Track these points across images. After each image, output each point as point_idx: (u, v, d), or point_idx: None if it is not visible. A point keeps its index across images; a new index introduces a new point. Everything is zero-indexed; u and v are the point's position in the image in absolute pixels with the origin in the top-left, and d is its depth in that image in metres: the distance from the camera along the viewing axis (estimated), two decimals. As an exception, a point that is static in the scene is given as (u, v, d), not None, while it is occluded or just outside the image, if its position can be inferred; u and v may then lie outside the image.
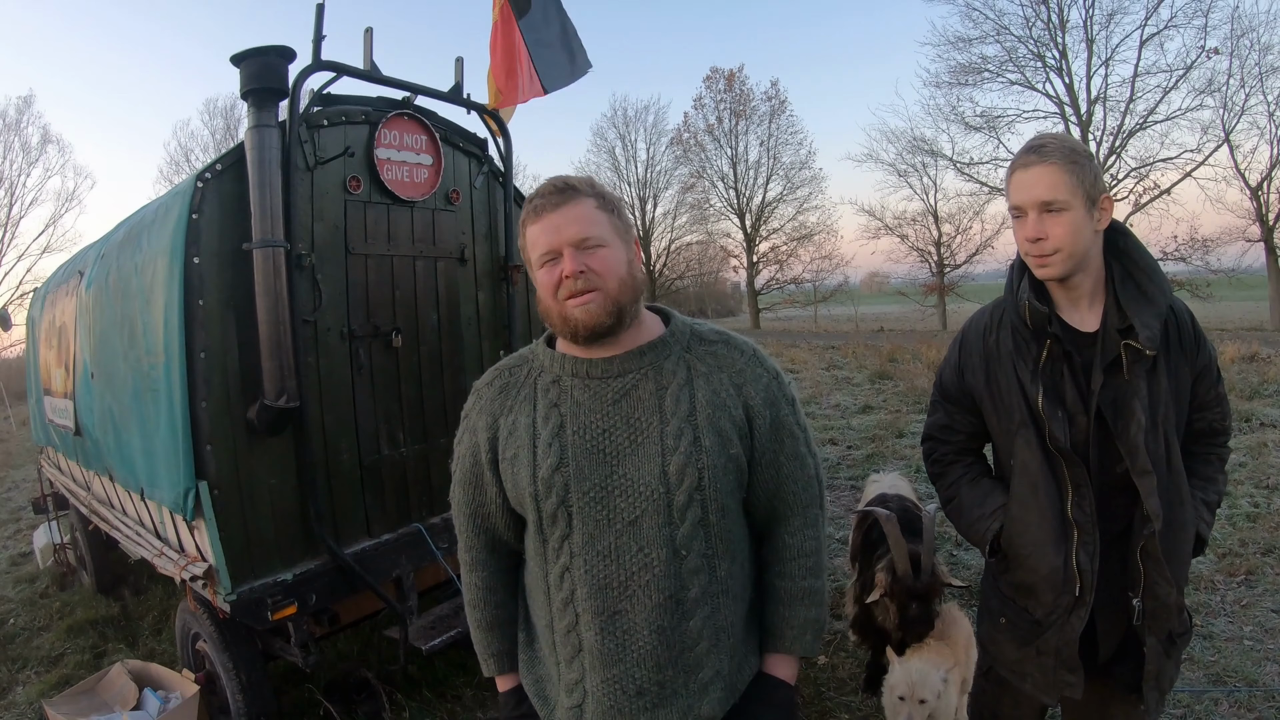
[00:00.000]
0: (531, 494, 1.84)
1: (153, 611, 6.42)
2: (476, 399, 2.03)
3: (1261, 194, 29.53)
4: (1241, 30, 28.88)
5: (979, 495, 2.47)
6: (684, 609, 1.82)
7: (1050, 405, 2.20)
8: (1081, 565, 2.21)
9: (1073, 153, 2.11)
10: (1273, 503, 7.21)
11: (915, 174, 38.74)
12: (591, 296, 1.77)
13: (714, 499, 1.81)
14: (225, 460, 3.61)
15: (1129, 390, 2.15)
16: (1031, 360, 2.25)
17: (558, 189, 1.80)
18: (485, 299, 4.98)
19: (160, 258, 3.64)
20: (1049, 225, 2.11)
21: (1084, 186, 2.10)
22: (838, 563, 6.31)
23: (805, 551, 2.00)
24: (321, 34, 3.86)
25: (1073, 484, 2.21)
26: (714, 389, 1.86)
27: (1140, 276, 2.21)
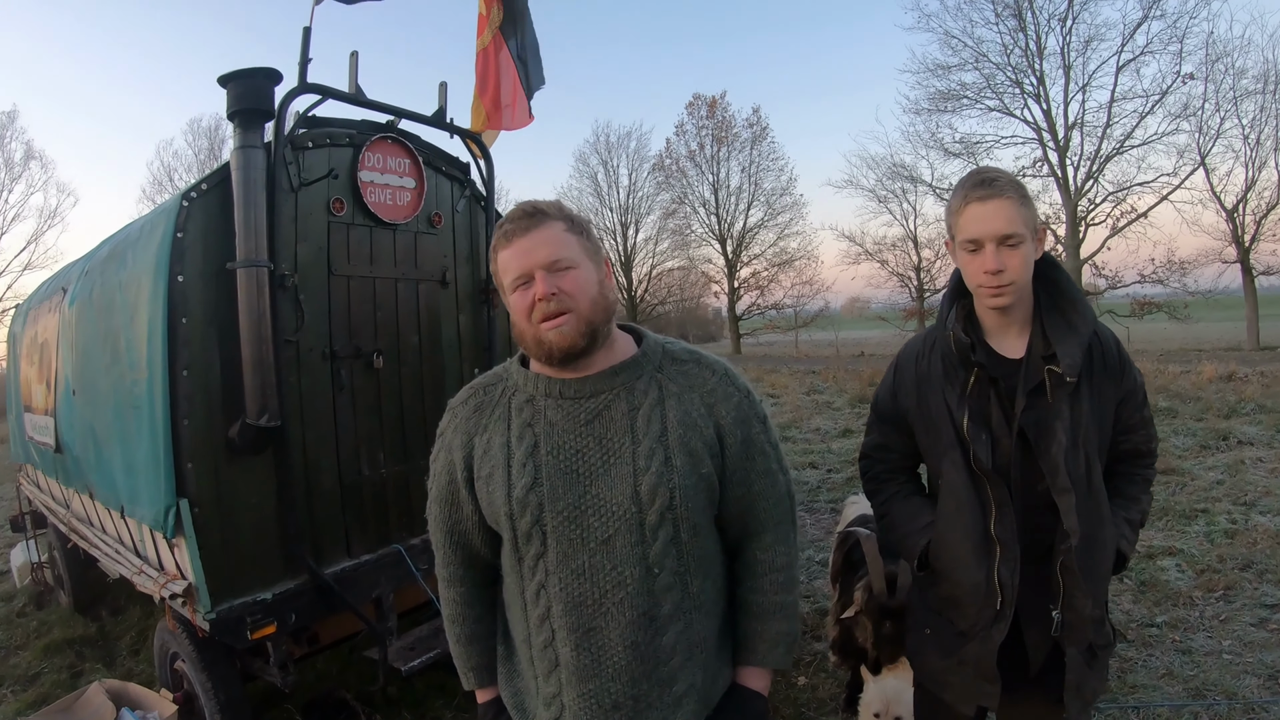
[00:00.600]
0: (506, 513, 1.87)
1: (130, 631, 6.39)
2: (451, 417, 2.06)
3: (1237, 216, 30.13)
4: (1216, 55, 29.63)
5: (909, 512, 2.57)
6: (657, 625, 1.86)
7: (975, 428, 2.29)
8: (1003, 580, 2.29)
9: (1021, 187, 2.22)
10: (1250, 519, 7.33)
11: (895, 200, 39.42)
12: (565, 319, 1.80)
13: (685, 518, 1.85)
14: (206, 478, 3.61)
15: (1051, 413, 2.23)
16: (959, 385, 2.34)
17: (527, 213, 1.84)
18: (466, 321, 5.01)
19: (145, 275, 3.66)
20: (1006, 258, 2.18)
21: (1032, 220, 2.22)
22: (818, 585, 6.34)
23: (777, 566, 2.05)
24: (308, 57, 3.90)
25: (995, 503, 2.29)
26: (685, 409, 1.89)
27: (1066, 306, 2.30)
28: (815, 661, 5.06)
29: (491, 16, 5.09)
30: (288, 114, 3.86)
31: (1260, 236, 30.07)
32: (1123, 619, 5.40)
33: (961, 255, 2.28)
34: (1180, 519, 7.52)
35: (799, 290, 45.11)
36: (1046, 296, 2.33)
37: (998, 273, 2.19)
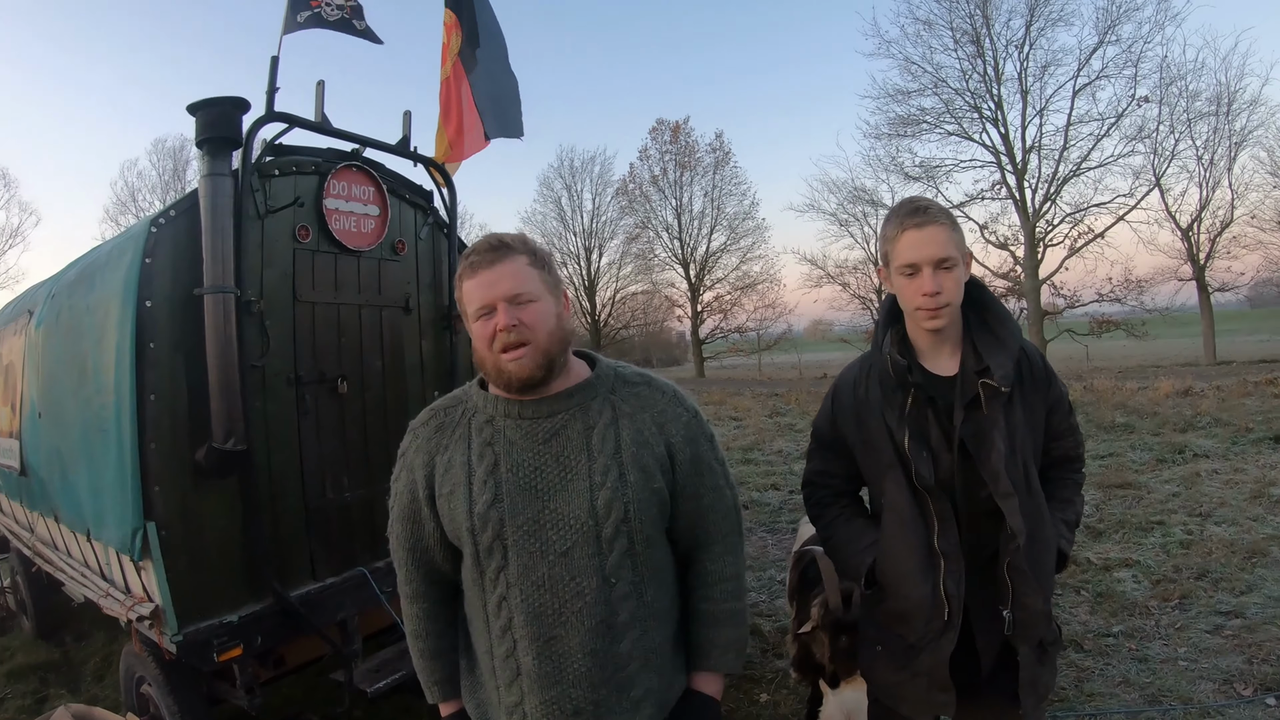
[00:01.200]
0: (468, 528, 1.96)
1: (95, 657, 6.34)
2: (413, 438, 2.15)
3: (1192, 235, 30.79)
4: (1170, 79, 30.36)
5: (853, 532, 2.62)
6: (615, 632, 1.96)
7: (915, 446, 2.36)
8: (949, 591, 2.35)
9: (950, 214, 2.35)
10: (1205, 530, 7.51)
11: (856, 223, 39.78)
12: (524, 351, 1.90)
13: (639, 530, 1.96)
14: (173, 501, 3.63)
15: (988, 423, 2.32)
16: (898, 407, 2.41)
17: (492, 246, 1.94)
18: (429, 347, 5.06)
19: (113, 299, 3.69)
20: (942, 280, 2.28)
21: (962, 245, 2.35)
22: (779, 604, 6.39)
23: (726, 576, 2.16)
24: (275, 86, 3.98)
25: (938, 517, 2.36)
26: (637, 428, 2.00)
27: (994, 323, 2.43)
28: (777, 678, 5.13)
29: (451, 44, 5.17)
30: (255, 142, 3.92)
31: (1215, 254, 30.82)
32: (1079, 629, 5.51)
33: (898, 280, 2.37)
34: (1137, 531, 7.68)
35: (762, 313, 45.49)
36: (975, 315, 2.45)
37: (935, 294, 2.28)
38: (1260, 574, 6.27)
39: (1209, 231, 30.86)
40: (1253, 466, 9.81)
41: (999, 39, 32.39)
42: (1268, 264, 31.55)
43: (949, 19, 33.02)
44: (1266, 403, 14.47)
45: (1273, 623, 5.36)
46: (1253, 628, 5.34)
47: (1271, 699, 4.43)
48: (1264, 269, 31.97)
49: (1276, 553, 6.71)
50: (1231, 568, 6.44)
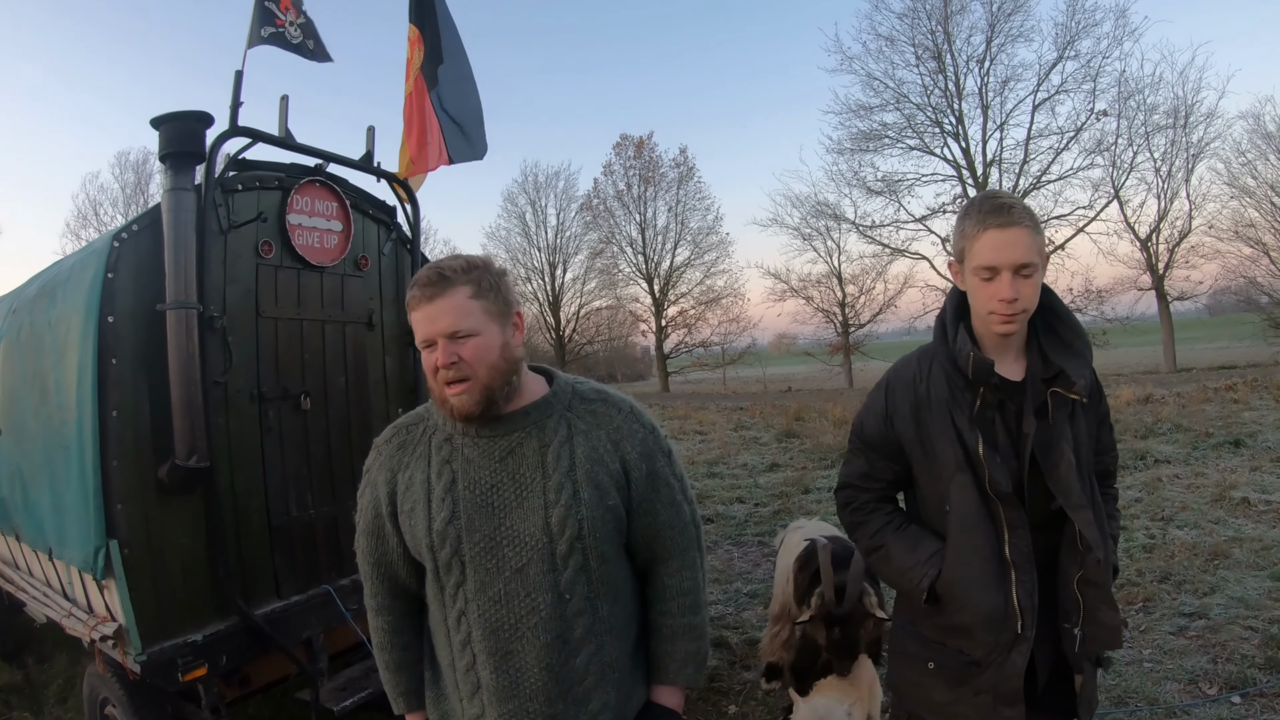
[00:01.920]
0: (428, 544, 1.99)
1: (58, 679, 6.24)
2: (377, 455, 2.17)
3: (1151, 245, 31.36)
4: (1128, 93, 30.89)
5: (909, 542, 2.46)
6: (570, 647, 1.98)
7: (990, 451, 2.24)
8: (1022, 603, 2.24)
9: (1034, 214, 2.23)
10: (1167, 534, 7.64)
11: (819, 237, 39.97)
12: (465, 386, 1.92)
13: (594, 547, 1.98)
14: (136, 519, 3.60)
15: (1057, 433, 2.24)
16: (967, 408, 2.29)
17: (431, 280, 1.92)
18: (392, 363, 5.05)
19: (75, 315, 3.67)
20: (1021, 286, 2.17)
21: (1043, 248, 2.24)
22: (746, 616, 6.42)
23: (684, 590, 2.17)
24: (239, 100, 3.96)
25: (1009, 525, 2.24)
26: (593, 445, 2.03)
27: (1065, 331, 2.33)
28: (745, 690, 5.14)
29: (415, 60, 5.18)
30: (218, 157, 3.91)
31: (1173, 264, 31.35)
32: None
33: (972, 280, 2.26)
34: (1100, 537, 7.73)
35: (726, 327, 45.56)
36: (1042, 321, 2.34)
37: (1013, 300, 2.18)
38: (1222, 575, 6.38)
39: (1168, 242, 31.44)
40: (1213, 471, 10.00)
41: (960, 55, 32.98)
42: (1225, 273, 32.16)
43: (911, 35, 33.58)
44: (1225, 408, 14.70)
45: (1235, 622, 5.45)
46: (1216, 628, 5.43)
47: (1237, 697, 4.51)
48: (1222, 278, 32.57)
49: (1238, 555, 6.83)
50: (1194, 570, 6.56)
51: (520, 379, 2.04)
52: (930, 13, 33.00)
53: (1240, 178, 30.51)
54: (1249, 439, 11.70)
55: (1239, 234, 30.74)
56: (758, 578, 7.46)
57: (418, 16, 5.19)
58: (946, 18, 32.54)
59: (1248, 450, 11.15)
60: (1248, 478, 9.50)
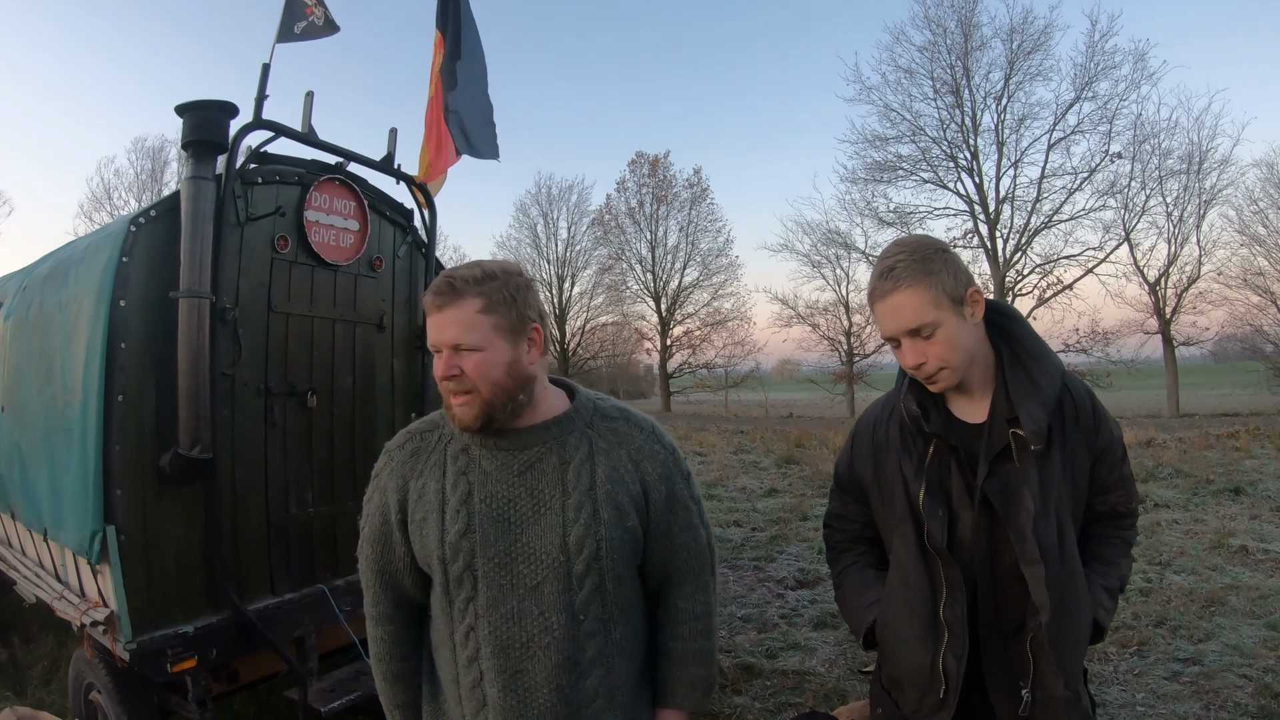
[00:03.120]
0: (439, 557, 1.94)
1: (43, 661, 6.21)
2: (388, 460, 2.12)
3: (1159, 289, 31.30)
4: (1143, 136, 30.84)
5: (860, 585, 2.44)
6: (580, 669, 1.94)
7: (931, 503, 2.15)
8: (948, 667, 2.14)
9: (924, 263, 2.05)
10: (1165, 578, 7.62)
11: (829, 265, 39.79)
12: (467, 399, 1.89)
13: (610, 568, 1.94)
14: (134, 506, 3.58)
15: (1019, 478, 2.08)
16: (917, 456, 2.21)
17: (440, 290, 1.89)
18: (400, 367, 5.03)
19: (86, 297, 3.65)
20: (925, 349, 2.07)
21: (946, 293, 2.04)
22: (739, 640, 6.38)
23: (697, 615, 2.14)
24: (264, 94, 3.96)
25: (948, 584, 2.14)
26: (613, 464, 1.99)
27: (1029, 363, 2.15)
28: (735, 714, 5.10)
29: (438, 63, 5.18)
30: (240, 148, 3.90)
31: (1181, 309, 31.34)
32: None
33: (891, 349, 2.18)
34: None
35: (730, 350, 45.32)
36: (1008, 352, 2.18)
37: (918, 366, 2.10)
38: (1218, 622, 6.35)
39: (1176, 286, 31.42)
40: (1212, 517, 9.99)
41: (978, 90, 32.88)
42: (1232, 320, 32.16)
43: (930, 69, 33.50)
44: (1227, 455, 14.69)
45: (1230, 670, 5.43)
46: (1210, 674, 5.41)
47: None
48: (1228, 325, 32.58)
49: (1234, 602, 6.81)
50: (1190, 616, 6.53)
51: (532, 395, 1.99)
52: (951, 47, 33.00)
53: (1251, 226, 30.62)
54: (1249, 487, 11.67)
55: (1247, 282, 30.84)
56: (752, 602, 7.43)
57: (443, 21, 5.20)
58: (967, 53, 32.55)
59: (1248, 498, 11.13)
60: (1247, 525, 9.49)
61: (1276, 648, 5.81)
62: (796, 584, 8.06)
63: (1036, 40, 31.53)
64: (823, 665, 5.81)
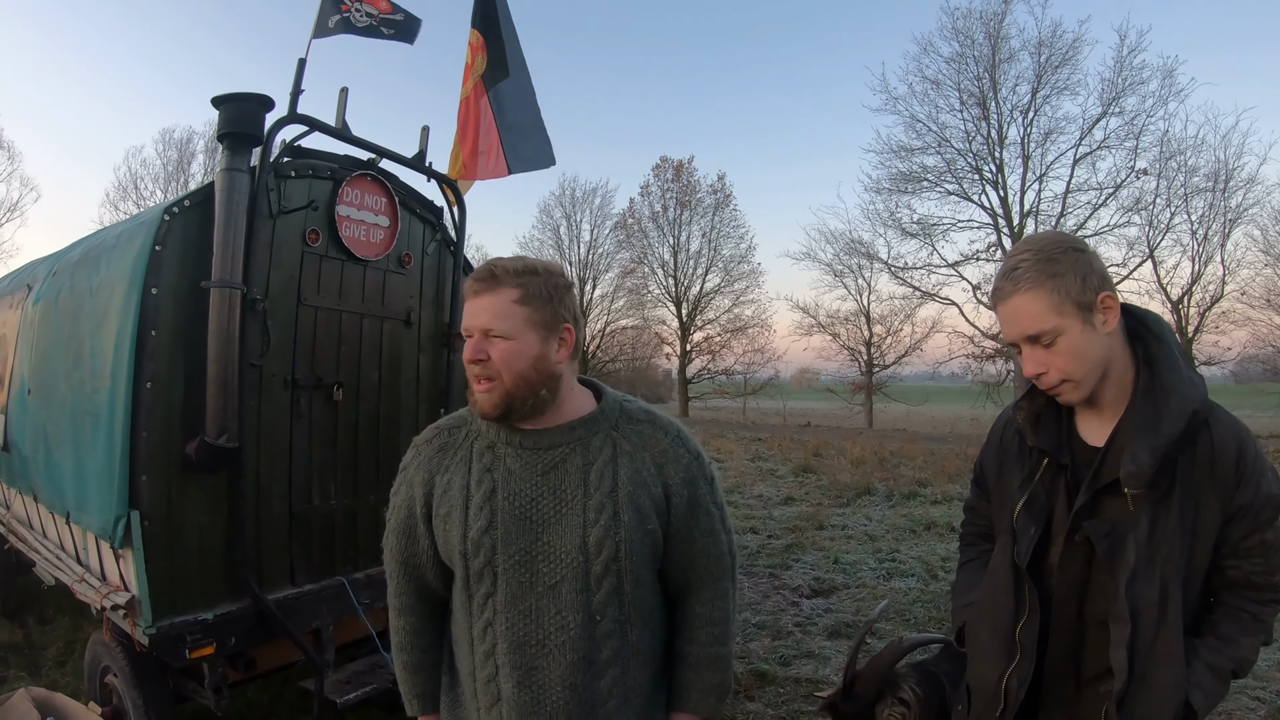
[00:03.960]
0: (461, 552, 1.98)
1: (58, 642, 6.25)
2: (416, 454, 2.15)
3: (1182, 307, 31.07)
4: (1170, 153, 30.52)
5: (965, 584, 2.41)
6: (595, 669, 1.97)
7: (1026, 519, 2.05)
8: (1009, 688, 2.06)
9: (1048, 264, 1.89)
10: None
11: (851, 275, 39.86)
12: (490, 385, 1.93)
13: (629, 570, 1.96)
14: (159, 492, 3.62)
15: (1127, 522, 1.90)
16: (1029, 467, 2.11)
17: (481, 276, 1.96)
18: (426, 363, 5.05)
19: (118, 284, 3.69)
20: (1046, 358, 1.93)
21: (1072, 298, 1.87)
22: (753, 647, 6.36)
23: (715, 620, 2.15)
24: (300, 88, 3.99)
25: (1029, 606, 2.03)
26: (636, 467, 2.00)
27: (1158, 395, 1.92)
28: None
29: (475, 65, 5.20)
30: (275, 142, 3.93)
31: (1203, 328, 31.02)
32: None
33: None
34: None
35: (750, 357, 45.45)
36: (1145, 376, 1.96)
37: (1040, 375, 1.95)
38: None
39: (1199, 305, 31.16)
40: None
41: (1005, 103, 32.73)
42: (1255, 341, 31.76)
43: (957, 80, 33.39)
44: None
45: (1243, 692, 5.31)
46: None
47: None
48: (1251, 345, 32.15)
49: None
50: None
51: (556, 393, 2.01)
52: (978, 59, 32.88)
53: (1276, 246, 30.23)
54: (1268, 513, 11.51)
55: (1271, 303, 30.50)
56: (766, 609, 7.41)
57: (482, 23, 5.21)
58: (994, 66, 32.43)
59: (1266, 525, 10.98)
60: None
61: (1290, 673, 5.75)
62: (811, 592, 8.04)
63: (1064, 54, 31.40)
64: (836, 674, 5.77)
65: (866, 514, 12.06)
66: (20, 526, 5.38)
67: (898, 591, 7.91)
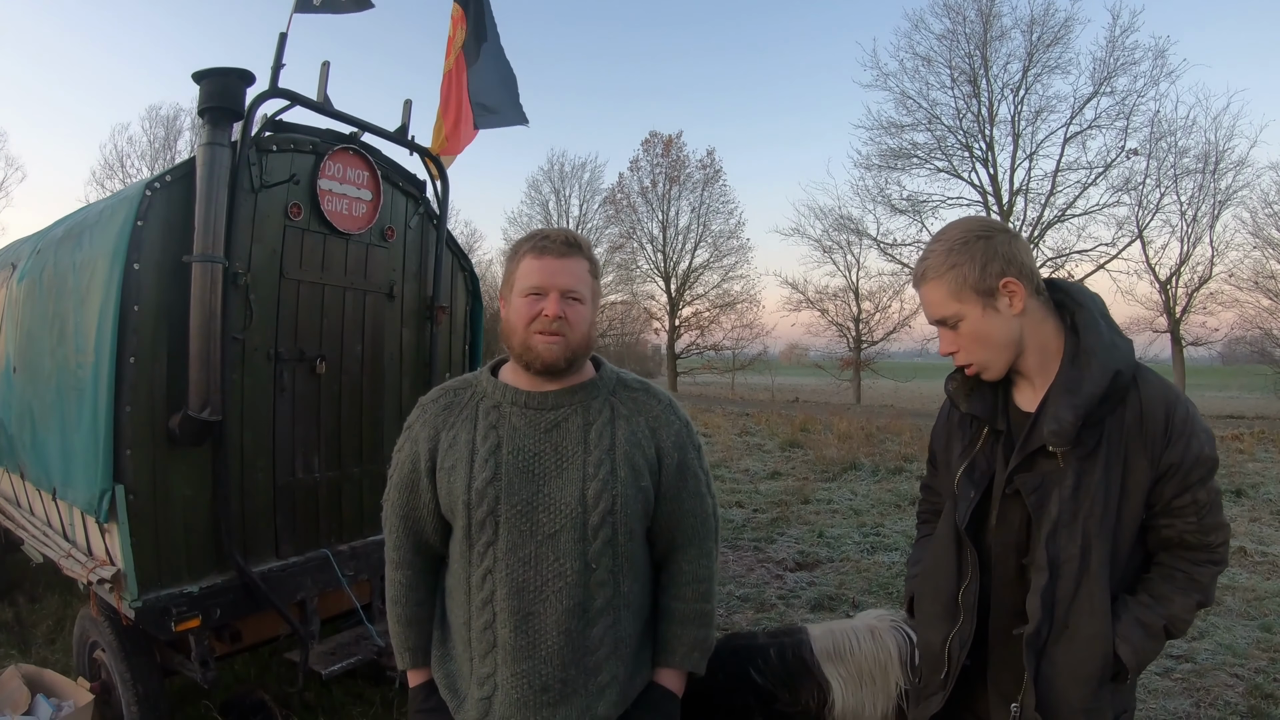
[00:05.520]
0: (464, 501, 2.09)
1: (48, 620, 6.28)
2: (421, 412, 2.28)
3: (1170, 288, 31.23)
4: (1160, 134, 30.70)
5: (915, 556, 2.53)
6: (589, 616, 2.10)
7: (966, 483, 2.13)
8: (952, 651, 2.14)
9: (947, 254, 2.01)
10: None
11: (840, 251, 39.93)
12: (558, 340, 2.08)
13: (623, 523, 2.09)
14: (143, 466, 3.64)
15: (1053, 478, 1.98)
16: (968, 436, 2.20)
17: (567, 242, 2.14)
18: (409, 336, 5.07)
19: (101, 259, 3.69)
20: (954, 339, 2.07)
21: (969, 284, 1.98)
22: (736, 619, 6.41)
23: (699, 578, 2.29)
24: (281, 62, 3.98)
25: (970, 568, 2.12)
26: (632, 429, 2.16)
27: (1081, 357, 1.99)
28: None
29: (456, 38, 5.20)
30: (256, 116, 3.93)
31: (1190, 309, 31.23)
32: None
33: None
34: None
35: (739, 333, 45.21)
36: (1071, 343, 2.04)
37: (952, 354, 2.10)
38: (1213, 621, 6.37)
39: (1187, 286, 31.33)
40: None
41: (996, 81, 32.77)
42: (1242, 322, 31.99)
43: (948, 57, 33.40)
44: (1230, 458, 14.71)
45: (1222, 669, 5.47)
46: (1202, 673, 5.44)
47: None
48: (1238, 327, 32.40)
49: (1230, 603, 6.84)
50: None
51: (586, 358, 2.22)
52: (970, 36, 32.89)
53: (1265, 229, 30.37)
54: (1251, 489, 11.73)
55: (1259, 285, 30.65)
56: (750, 582, 7.47)
57: None
58: (985, 43, 32.43)
59: (1249, 500, 11.18)
60: (1247, 528, 9.52)
61: (1269, 649, 5.86)
62: (796, 565, 8.11)
63: (1056, 33, 31.44)
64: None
65: (852, 489, 12.14)
66: (8, 505, 5.39)
67: (881, 565, 7.97)
